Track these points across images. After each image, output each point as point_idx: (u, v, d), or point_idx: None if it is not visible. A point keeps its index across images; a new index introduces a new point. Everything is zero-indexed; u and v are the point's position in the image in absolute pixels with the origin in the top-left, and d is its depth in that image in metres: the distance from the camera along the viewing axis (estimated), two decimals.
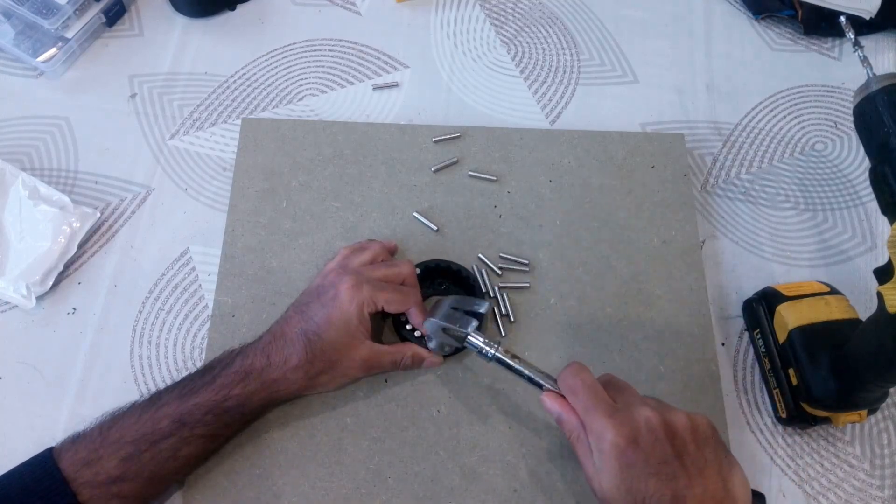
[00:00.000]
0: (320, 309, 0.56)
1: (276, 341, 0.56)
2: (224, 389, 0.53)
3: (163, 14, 0.81)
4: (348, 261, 0.60)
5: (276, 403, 0.58)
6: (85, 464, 0.50)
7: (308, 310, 0.57)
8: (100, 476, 0.50)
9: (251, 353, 0.55)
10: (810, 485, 0.61)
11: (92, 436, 0.51)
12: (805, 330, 0.60)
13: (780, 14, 0.85)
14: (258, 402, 0.55)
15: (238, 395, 0.54)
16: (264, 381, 0.54)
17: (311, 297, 0.58)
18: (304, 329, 0.55)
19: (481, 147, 0.73)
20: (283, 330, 0.56)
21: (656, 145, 0.74)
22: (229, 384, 0.54)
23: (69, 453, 0.50)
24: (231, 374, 0.54)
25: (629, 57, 0.82)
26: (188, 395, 0.53)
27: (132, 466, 0.50)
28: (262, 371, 0.54)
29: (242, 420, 0.57)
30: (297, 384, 0.56)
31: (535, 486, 0.58)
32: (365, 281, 0.57)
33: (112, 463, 0.50)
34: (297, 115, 0.76)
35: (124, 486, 0.50)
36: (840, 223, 0.74)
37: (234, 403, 0.54)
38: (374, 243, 0.63)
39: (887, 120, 0.49)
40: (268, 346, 0.55)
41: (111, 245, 0.68)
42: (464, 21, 0.84)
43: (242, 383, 0.54)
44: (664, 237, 0.70)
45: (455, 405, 0.61)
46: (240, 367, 0.54)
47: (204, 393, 0.53)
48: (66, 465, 0.50)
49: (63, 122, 0.74)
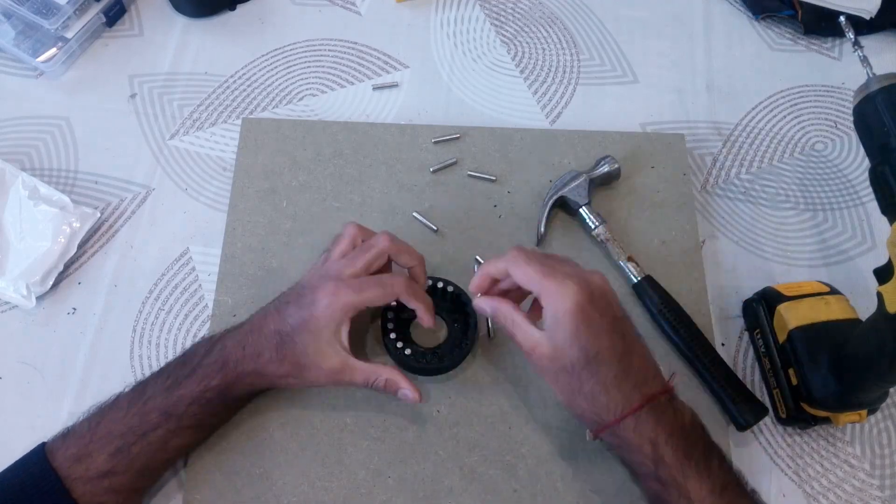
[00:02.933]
0: (296, 311, 0.55)
1: (252, 333, 0.56)
2: (205, 381, 0.54)
3: (163, 14, 0.81)
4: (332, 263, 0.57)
5: (257, 392, 0.59)
6: (76, 460, 0.50)
7: (286, 310, 0.56)
8: (91, 471, 0.50)
9: (229, 343, 0.55)
10: (810, 485, 0.61)
11: (81, 431, 0.52)
12: (805, 330, 0.60)
13: (780, 14, 0.85)
14: (238, 392, 0.56)
15: (217, 387, 0.54)
16: (240, 373, 0.55)
17: (292, 297, 0.57)
18: (279, 329, 0.55)
19: (481, 147, 0.73)
20: (260, 324, 0.56)
21: (656, 145, 0.74)
22: (209, 375, 0.54)
23: (60, 450, 0.51)
24: (210, 365, 0.54)
25: (629, 57, 0.82)
26: (172, 388, 0.53)
27: (123, 460, 0.51)
28: (237, 362, 0.55)
29: (227, 409, 0.57)
30: (268, 378, 0.56)
31: (534, 486, 0.58)
32: (343, 285, 0.55)
33: (102, 457, 0.50)
34: (297, 115, 0.76)
35: (116, 480, 0.51)
36: (840, 223, 0.74)
37: (214, 394, 0.54)
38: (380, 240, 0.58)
39: (887, 120, 0.49)
40: (244, 338, 0.55)
41: (111, 245, 0.68)
42: (464, 21, 0.84)
43: (221, 373, 0.54)
44: (664, 237, 0.70)
45: (455, 405, 0.61)
46: (218, 356, 0.55)
47: (187, 385, 0.53)
48: (59, 462, 0.50)
49: (63, 122, 0.74)
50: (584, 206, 0.68)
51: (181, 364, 0.55)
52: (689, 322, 0.63)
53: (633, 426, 0.49)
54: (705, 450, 0.49)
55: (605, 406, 0.49)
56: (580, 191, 0.68)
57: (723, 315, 0.68)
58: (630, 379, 0.49)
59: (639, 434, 0.48)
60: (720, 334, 0.67)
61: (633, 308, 0.66)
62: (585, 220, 0.68)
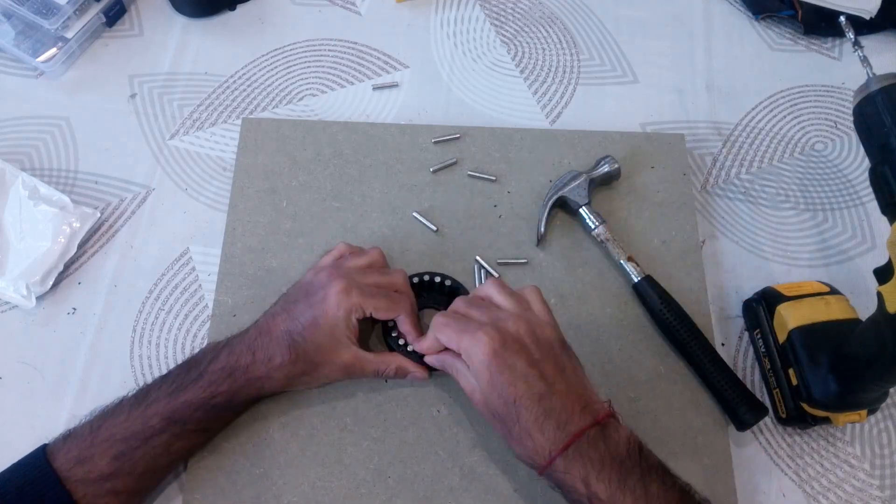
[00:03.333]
0: (307, 310, 0.56)
1: (261, 337, 0.56)
2: (211, 387, 0.54)
3: (163, 14, 0.81)
4: (343, 262, 0.60)
5: (264, 396, 0.59)
6: (77, 462, 0.50)
7: (295, 309, 0.56)
8: (92, 473, 0.50)
9: (237, 349, 0.55)
10: (810, 485, 0.61)
11: (83, 434, 0.52)
12: (805, 330, 0.60)
13: (780, 14, 0.85)
14: (245, 397, 0.56)
15: (225, 392, 0.54)
16: (249, 378, 0.55)
17: (300, 296, 0.58)
18: (289, 329, 0.55)
19: (481, 147, 0.73)
20: (269, 326, 0.56)
21: (656, 145, 0.74)
22: (216, 381, 0.54)
23: (62, 452, 0.51)
24: (217, 371, 0.54)
25: (629, 57, 0.82)
26: (177, 393, 0.53)
27: (125, 463, 0.51)
28: (247, 368, 0.55)
29: (232, 413, 0.57)
30: (279, 381, 0.56)
31: (534, 486, 0.58)
32: (355, 286, 0.56)
33: (104, 461, 0.50)
34: (297, 115, 0.76)
35: (118, 483, 0.51)
36: (840, 223, 0.74)
37: (222, 400, 0.54)
38: (375, 249, 0.63)
39: (887, 120, 0.49)
40: (253, 343, 0.56)
41: (111, 245, 0.68)
42: (464, 21, 0.84)
43: (229, 380, 0.54)
44: (664, 237, 0.70)
45: (455, 405, 0.61)
46: (226, 362, 0.55)
47: (192, 390, 0.53)
48: (59, 464, 0.50)
49: (63, 122, 0.74)
50: (585, 206, 0.68)
51: (186, 370, 0.55)
52: (689, 322, 0.63)
53: (562, 467, 0.48)
54: (643, 474, 0.47)
55: (534, 449, 0.49)
56: (580, 191, 0.68)
57: (723, 315, 0.68)
58: (552, 420, 0.49)
59: (570, 474, 0.48)
60: (720, 334, 0.67)
61: (634, 308, 0.66)
62: (585, 221, 0.68)
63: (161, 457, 0.53)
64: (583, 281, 0.67)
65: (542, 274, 0.67)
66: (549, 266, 0.68)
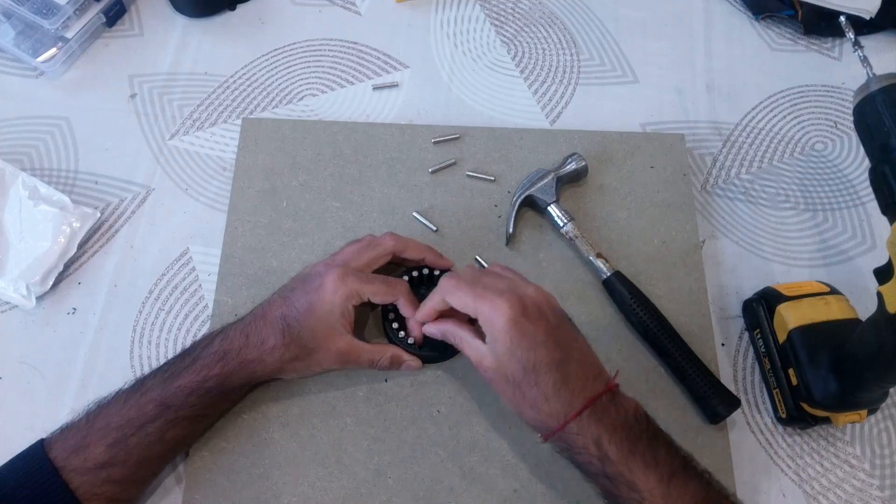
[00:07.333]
0: (303, 296, 0.56)
1: (255, 322, 0.56)
2: (204, 370, 0.54)
3: (163, 14, 0.81)
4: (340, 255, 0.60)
5: (257, 383, 0.59)
6: (73, 451, 0.50)
7: (292, 295, 0.57)
8: (88, 462, 0.50)
9: (231, 333, 0.56)
10: (810, 485, 0.61)
11: (79, 424, 0.52)
12: (805, 330, 0.60)
13: (780, 14, 0.85)
14: (237, 382, 0.56)
15: (217, 376, 0.54)
16: (241, 361, 0.55)
17: (297, 284, 0.58)
18: (285, 314, 0.56)
19: (481, 147, 0.73)
20: (264, 312, 0.57)
21: (656, 145, 0.74)
22: (209, 365, 0.54)
23: (58, 443, 0.51)
24: (210, 355, 0.55)
25: (629, 57, 0.82)
26: (171, 379, 0.53)
27: (120, 451, 0.51)
28: (239, 350, 0.55)
29: (225, 400, 0.57)
30: (272, 366, 0.56)
31: (534, 486, 0.58)
32: (352, 273, 0.57)
33: (100, 449, 0.51)
34: (297, 115, 0.76)
35: (113, 471, 0.51)
36: (840, 223, 0.74)
37: (214, 384, 0.54)
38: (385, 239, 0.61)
39: (887, 120, 0.49)
40: (247, 326, 0.56)
41: (111, 245, 0.68)
42: (464, 21, 0.84)
43: (221, 363, 0.54)
44: (664, 237, 0.70)
45: (455, 405, 0.61)
46: (219, 347, 0.55)
47: (185, 375, 0.54)
48: (56, 454, 0.50)
49: (63, 122, 0.74)
50: (553, 203, 0.68)
51: (181, 358, 0.55)
52: (660, 316, 0.63)
53: (576, 430, 0.50)
54: (651, 441, 0.50)
55: (549, 413, 0.50)
56: (548, 189, 0.68)
57: (723, 315, 0.68)
58: (569, 385, 0.50)
59: (583, 436, 0.49)
60: (720, 334, 0.67)
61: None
62: (554, 218, 0.68)
63: (155, 444, 0.53)
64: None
65: (542, 273, 0.67)
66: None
